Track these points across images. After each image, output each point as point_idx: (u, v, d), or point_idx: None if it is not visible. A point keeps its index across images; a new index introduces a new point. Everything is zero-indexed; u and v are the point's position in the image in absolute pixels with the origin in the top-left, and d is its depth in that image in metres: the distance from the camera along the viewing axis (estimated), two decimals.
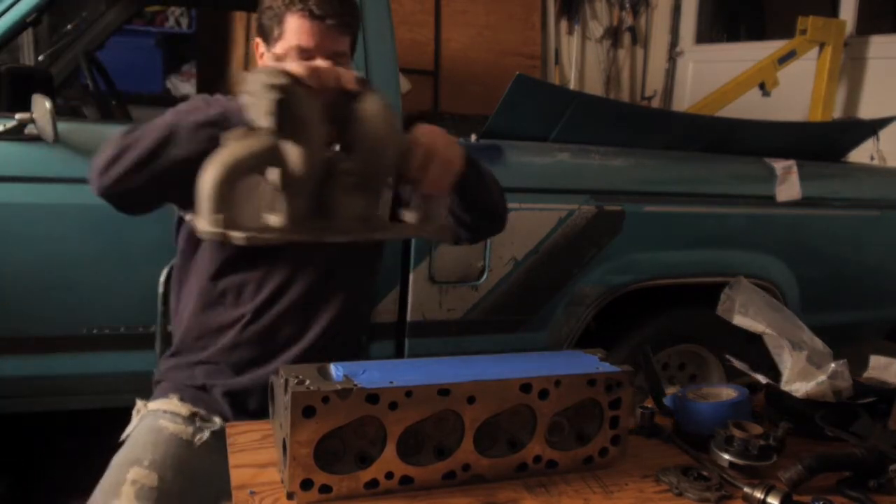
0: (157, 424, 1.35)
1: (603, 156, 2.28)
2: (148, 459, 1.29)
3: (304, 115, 0.99)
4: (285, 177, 1.01)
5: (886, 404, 1.28)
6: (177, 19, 5.39)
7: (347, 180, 1.04)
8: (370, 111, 1.05)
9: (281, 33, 1.28)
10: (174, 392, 1.41)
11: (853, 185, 2.68)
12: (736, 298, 1.38)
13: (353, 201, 1.05)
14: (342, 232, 1.05)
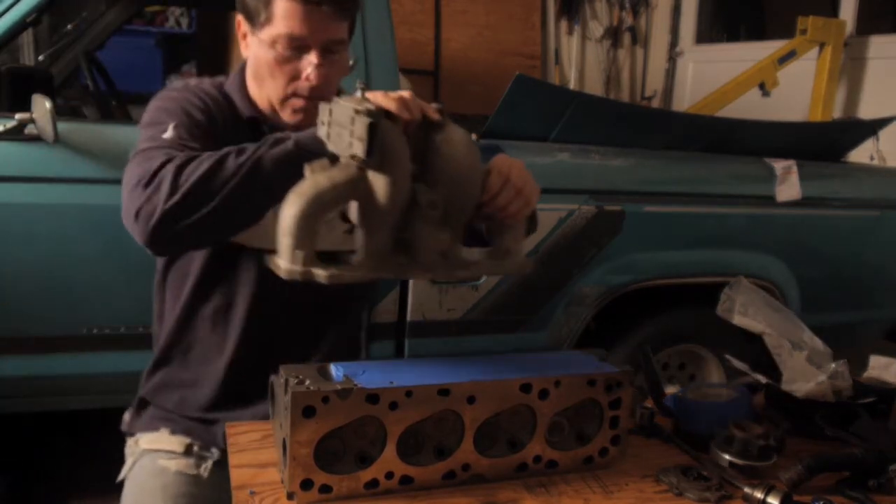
0: (158, 466, 1.30)
1: (603, 156, 2.28)
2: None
3: (391, 144, 0.94)
4: (369, 210, 0.96)
5: (886, 404, 1.28)
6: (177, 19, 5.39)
7: (432, 213, 0.98)
8: (453, 142, 1.01)
9: (269, 17, 1.17)
10: (164, 424, 1.34)
11: (853, 185, 2.68)
12: (736, 298, 1.38)
13: (436, 236, 0.99)
14: (424, 269, 1.00)
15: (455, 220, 1.02)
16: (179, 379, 1.35)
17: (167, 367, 1.36)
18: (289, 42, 1.18)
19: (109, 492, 2.28)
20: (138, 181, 1.05)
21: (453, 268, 1.03)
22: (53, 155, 1.83)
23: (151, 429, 1.35)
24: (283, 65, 1.21)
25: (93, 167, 1.84)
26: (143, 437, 1.35)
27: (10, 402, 2.01)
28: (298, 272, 0.92)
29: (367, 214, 0.96)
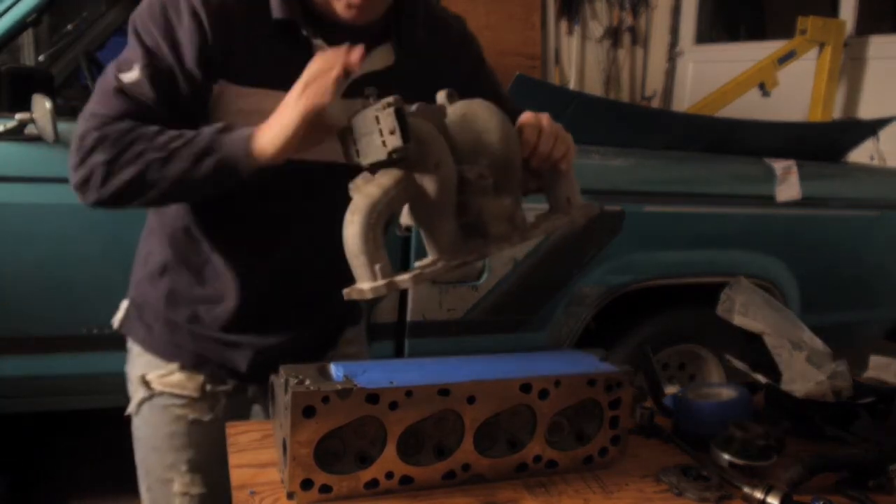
0: (172, 413, 1.25)
1: (603, 156, 2.28)
2: (184, 462, 1.25)
3: (421, 130, 0.94)
4: (425, 206, 0.96)
5: (886, 404, 1.28)
6: None
7: (485, 184, 0.97)
8: (471, 112, 1.01)
9: None
10: (173, 351, 1.25)
11: (853, 185, 2.69)
12: (736, 298, 1.38)
13: (499, 203, 0.98)
14: (499, 240, 0.98)
15: (508, 184, 1.01)
16: (192, 294, 1.23)
17: (175, 277, 1.24)
18: None
19: (109, 492, 2.30)
20: (75, 154, 1.07)
21: (526, 231, 1.02)
22: (53, 155, 1.83)
23: (158, 353, 1.26)
24: None
25: None
26: (152, 370, 1.26)
27: (10, 402, 2.01)
28: (383, 286, 0.91)
29: (425, 210, 0.96)
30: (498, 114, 1.02)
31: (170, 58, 1.04)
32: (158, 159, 1.02)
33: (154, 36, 1.05)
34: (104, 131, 1.04)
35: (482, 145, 1.00)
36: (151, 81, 1.04)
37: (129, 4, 3.02)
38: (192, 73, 1.05)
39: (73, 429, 2.66)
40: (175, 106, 1.06)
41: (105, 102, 1.06)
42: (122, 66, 1.07)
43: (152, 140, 1.02)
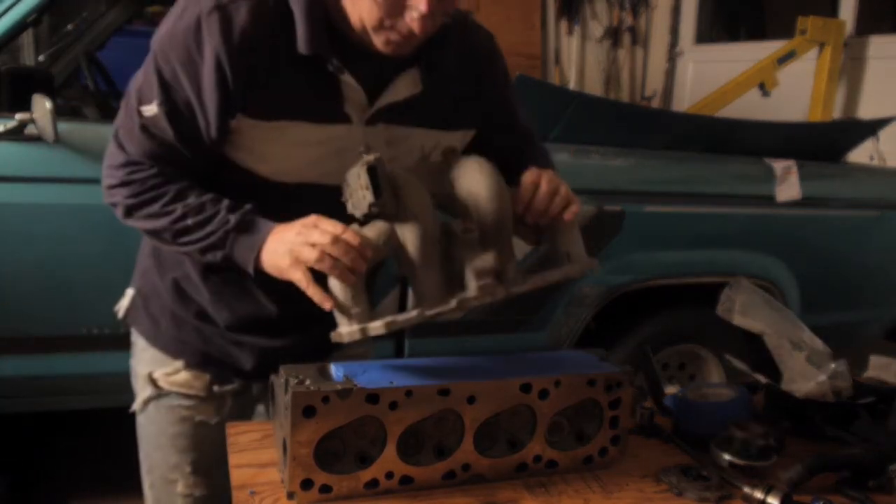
0: (179, 414, 1.25)
1: (603, 156, 2.28)
2: (188, 463, 1.26)
3: (404, 187, 0.99)
4: (407, 257, 1.00)
5: (886, 404, 1.28)
6: None
7: (470, 238, 1.01)
8: (465, 171, 1.03)
9: None
10: (178, 348, 1.24)
11: (853, 185, 2.68)
12: (736, 298, 1.38)
13: (482, 257, 1.01)
14: (481, 293, 1.01)
15: (496, 238, 1.04)
16: (200, 295, 1.22)
17: (184, 270, 1.22)
18: None
19: (109, 492, 2.30)
20: (105, 174, 1.13)
21: (514, 285, 1.04)
22: (53, 155, 1.83)
23: (163, 348, 1.25)
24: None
25: (93, 167, 1.84)
26: (158, 368, 1.25)
27: (10, 402, 2.01)
28: (357, 331, 0.97)
29: (407, 261, 1.01)
30: (490, 173, 1.05)
31: (189, 93, 1.04)
32: (171, 230, 1.08)
33: (175, 70, 1.03)
34: (130, 175, 1.09)
35: (472, 201, 1.03)
36: (169, 119, 1.05)
37: (128, 4, 3.03)
38: (210, 111, 1.04)
39: (73, 429, 2.66)
40: (194, 140, 1.07)
41: (130, 137, 1.09)
42: (143, 95, 1.06)
43: (172, 205, 1.07)
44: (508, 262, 1.05)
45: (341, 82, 1.06)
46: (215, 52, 1.00)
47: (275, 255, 1.03)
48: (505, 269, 1.03)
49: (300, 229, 1.00)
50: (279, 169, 1.10)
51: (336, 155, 1.09)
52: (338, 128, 1.08)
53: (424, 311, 0.99)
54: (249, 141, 1.07)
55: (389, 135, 1.13)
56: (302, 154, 1.09)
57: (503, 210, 1.04)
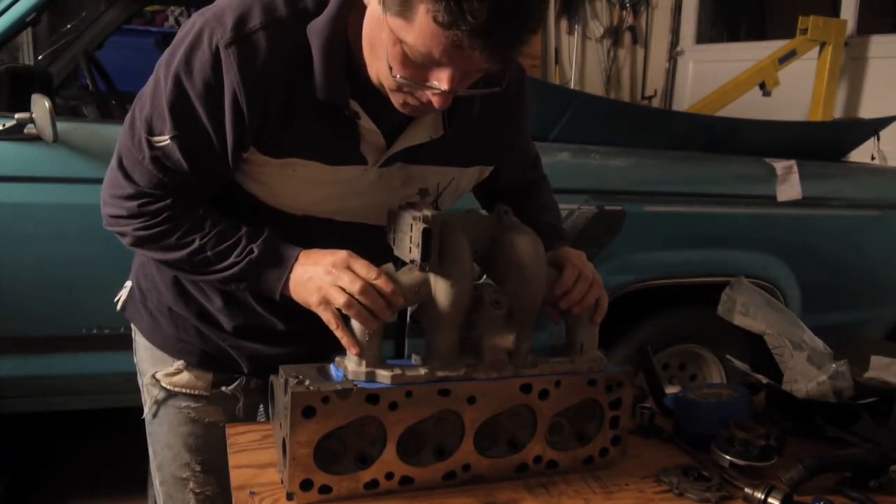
0: (188, 416, 1.24)
1: (603, 156, 2.28)
2: (199, 463, 1.25)
3: (451, 248, 0.98)
4: (433, 312, 1.00)
5: (887, 404, 1.28)
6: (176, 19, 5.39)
7: (497, 313, 1.01)
8: (518, 242, 1.03)
9: (407, 16, 0.84)
10: (178, 347, 1.22)
11: (853, 185, 2.68)
12: (736, 299, 1.38)
13: (501, 335, 1.02)
14: (490, 369, 1.02)
15: (522, 318, 1.04)
16: (201, 287, 1.18)
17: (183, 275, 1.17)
18: (422, 58, 0.87)
19: (109, 492, 2.29)
20: (107, 200, 1.08)
21: (521, 367, 1.04)
22: (53, 155, 1.82)
23: (163, 347, 1.23)
24: (408, 67, 0.90)
25: (92, 167, 1.84)
26: (160, 368, 1.24)
27: (10, 402, 2.01)
28: (363, 373, 0.98)
29: (431, 316, 1.01)
30: (540, 250, 1.04)
31: (206, 123, 0.99)
32: (190, 262, 1.06)
33: (190, 100, 0.98)
34: (142, 208, 1.05)
35: (511, 273, 1.03)
36: (182, 150, 1.01)
37: (128, 4, 3.02)
38: (227, 143, 1.00)
39: (72, 429, 2.66)
40: (209, 170, 1.04)
41: (138, 167, 1.03)
42: (154, 126, 1.00)
43: (188, 237, 1.04)
44: (524, 342, 1.05)
45: (359, 124, 1.02)
46: (232, 90, 0.96)
47: (303, 290, 1.02)
48: (519, 348, 1.04)
49: (331, 268, 0.98)
50: (287, 203, 1.08)
51: (349, 195, 1.07)
52: (351, 169, 1.05)
53: (434, 373, 1.00)
54: (260, 174, 1.05)
55: (405, 174, 1.10)
56: (313, 191, 1.06)
57: (540, 294, 1.05)
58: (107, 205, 1.09)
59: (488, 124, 1.14)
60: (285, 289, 1.04)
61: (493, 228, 1.06)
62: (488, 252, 1.05)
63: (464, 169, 1.15)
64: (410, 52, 0.87)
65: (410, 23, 0.84)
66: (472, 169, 1.17)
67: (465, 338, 1.04)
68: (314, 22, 0.96)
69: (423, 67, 0.89)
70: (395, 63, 0.89)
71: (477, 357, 1.03)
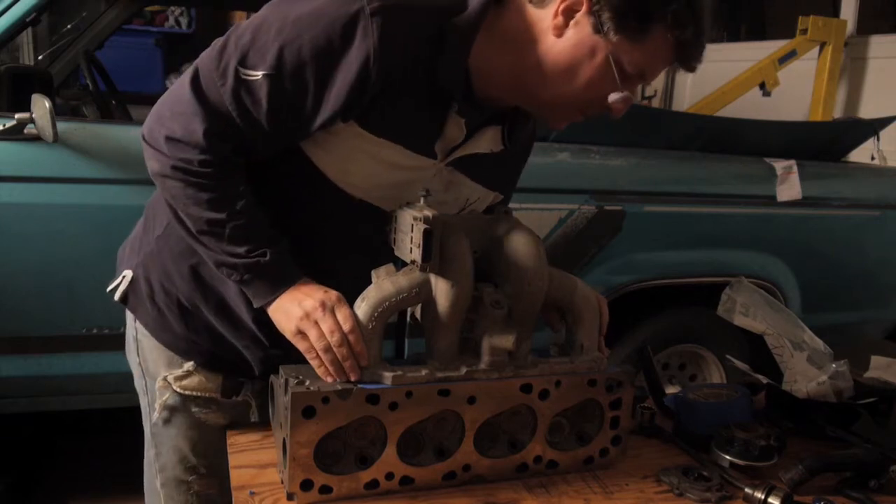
0: (195, 419, 1.21)
1: (603, 156, 2.28)
2: (204, 466, 1.24)
3: (452, 248, 0.99)
4: (433, 312, 1.01)
5: (887, 404, 1.28)
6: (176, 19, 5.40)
7: (497, 313, 1.02)
8: (517, 242, 1.03)
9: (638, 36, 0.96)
10: (186, 351, 1.19)
11: (853, 185, 2.68)
12: (737, 299, 1.38)
13: (501, 335, 1.02)
14: (491, 368, 1.03)
15: (522, 318, 1.04)
16: (225, 284, 1.13)
17: (203, 261, 1.12)
18: (639, 74, 1.00)
19: (109, 492, 2.29)
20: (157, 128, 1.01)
21: (521, 367, 1.05)
22: (53, 155, 1.82)
23: (170, 345, 1.20)
24: (601, 81, 0.98)
25: (92, 167, 1.84)
26: (169, 370, 1.20)
27: (10, 402, 2.01)
28: (366, 373, 0.98)
29: (432, 316, 1.01)
30: (539, 250, 1.04)
31: (308, 78, 0.95)
32: (202, 226, 1.02)
33: (303, 49, 0.94)
34: (207, 138, 0.98)
35: (515, 275, 1.03)
36: (270, 92, 0.96)
37: (128, 4, 3.02)
38: (328, 106, 0.97)
39: (72, 429, 2.66)
40: (282, 122, 0.99)
41: (214, 90, 0.98)
42: (250, 58, 0.96)
43: (220, 203, 1.01)
44: (524, 341, 1.05)
45: (449, 120, 1.04)
46: (366, 53, 0.93)
47: (284, 316, 1.02)
48: (520, 348, 1.04)
49: (318, 306, 0.99)
50: (354, 182, 1.06)
51: (410, 185, 1.07)
52: (423, 160, 1.06)
53: (435, 373, 1.00)
54: (342, 146, 1.03)
55: (451, 180, 1.12)
56: (383, 175, 1.06)
57: (540, 295, 1.05)
58: (163, 120, 1.00)
59: (514, 156, 1.21)
60: (269, 305, 1.03)
61: (494, 229, 1.06)
62: (489, 252, 1.05)
63: (488, 192, 1.19)
64: (631, 68, 0.98)
65: (642, 44, 0.96)
66: (492, 194, 1.20)
67: (466, 338, 1.04)
68: (463, 15, 0.99)
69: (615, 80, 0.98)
70: (595, 77, 0.98)
71: (477, 357, 1.03)
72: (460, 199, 1.16)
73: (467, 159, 1.11)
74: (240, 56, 0.96)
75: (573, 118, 1.05)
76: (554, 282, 1.07)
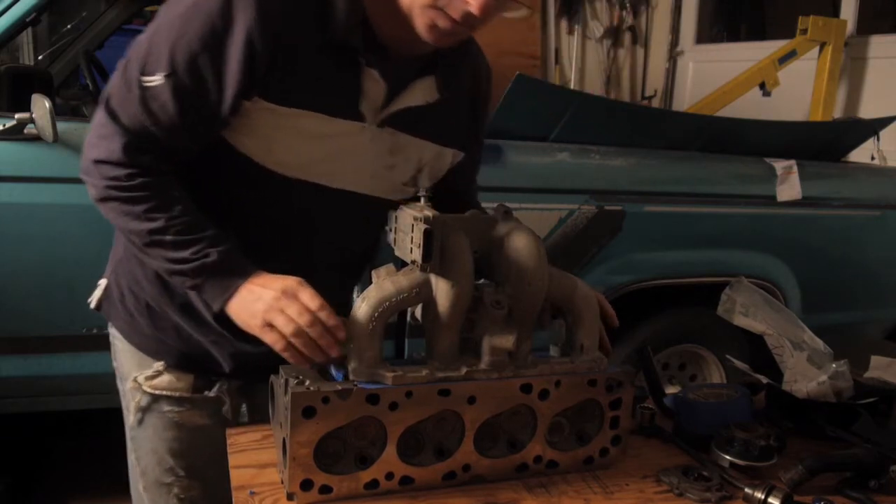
0: (171, 420, 1.21)
1: (603, 156, 2.28)
2: (183, 468, 1.23)
3: (452, 249, 0.99)
4: (433, 312, 1.01)
5: (887, 404, 1.28)
6: None
7: (497, 313, 1.02)
8: (517, 241, 1.03)
9: None
10: (156, 352, 1.19)
11: (853, 185, 2.68)
12: (736, 299, 1.38)
13: (501, 335, 1.02)
14: (491, 368, 1.02)
15: (522, 318, 1.04)
16: (175, 291, 1.15)
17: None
18: None
19: (109, 492, 2.29)
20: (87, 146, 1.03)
21: (521, 367, 1.05)
22: (53, 155, 1.82)
23: (141, 347, 1.21)
24: None
25: None
26: (140, 371, 1.21)
27: (10, 402, 2.01)
28: (364, 374, 0.98)
29: (432, 316, 1.01)
30: (540, 250, 1.04)
31: (204, 68, 0.97)
32: (146, 240, 1.02)
33: (191, 41, 0.96)
34: (127, 155, 1.00)
35: (516, 275, 1.03)
36: (175, 93, 0.98)
37: (128, 4, 3.02)
38: (228, 90, 0.98)
39: (73, 429, 2.66)
40: (198, 119, 1.01)
41: (124, 107, 1.00)
42: (148, 65, 0.98)
43: (155, 213, 1.01)
44: (525, 341, 1.05)
45: (364, 77, 1.03)
46: (248, 29, 0.94)
47: (246, 311, 1.00)
48: (520, 348, 1.04)
49: (280, 294, 0.97)
50: (282, 160, 1.05)
51: (343, 154, 1.07)
52: (350, 124, 1.05)
53: (435, 373, 1.00)
54: (259, 126, 1.02)
55: (394, 142, 1.11)
56: (309, 147, 1.05)
57: (540, 295, 1.05)
58: (91, 147, 1.03)
59: (464, 107, 1.19)
60: (226, 304, 1.02)
61: (494, 229, 1.06)
62: (488, 252, 1.05)
63: (443, 148, 1.18)
64: None
65: None
66: (449, 150, 1.19)
67: (466, 338, 1.04)
68: None
69: None
70: None
71: (477, 357, 1.03)
72: (411, 159, 1.13)
73: (405, 116, 1.08)
74: (140, 67, 0.99)
75: (441, 22, 0.97)
76: (554, 282, 1.07)
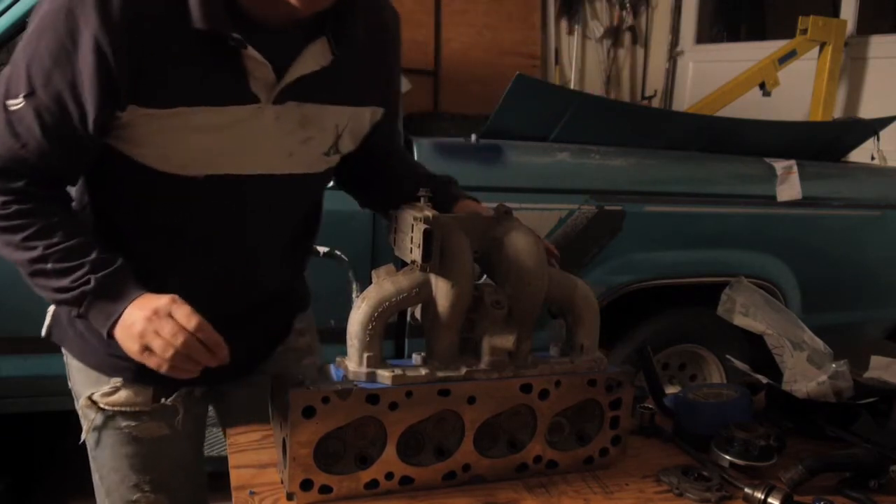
0: (129, 435, 1.18)
1: (603, 156, 2.28)
2: (147, 482, 1.21)
3: (452, 248, 0.99)
4: (433, 312, 1.01)
5: (887, 404, 1.28)
6: None
7: (497, 313, 1.02)
8: (517, 241, 1.03)
9: None
10: (112, 369, 1.15)
11: (853, 185, 2.68)
12: (736, 299, 1.38)
13: (501, 335, 1.02)
14: (491, 368, 1.03)
15: (522, 318, 1.04)
16: None
17: None
18: None
19: None
20: None
21: (521, 367, 1.05)
22: None
23: (97, 367, 1.17)
24: None
25: None
26: (96, 388, 1.18)
27: (10, 402, 2.01)
28: (364, 374, 0.98)
29: (432, 316, 1.01)
30: (539, 249, 1.04)
31: (60, 85, 0.92)
32: (28, 269, 0.99)
33: (44, 59, 0.92)
34: None
35: (511, 273, 1.03)
36: (36, 114, 0.94)
37: None
38: (88, 104, 0.93)
39: (73, 429, 2.66)
40: (65, 139, 0.96)
41: None
42: (11, 88, 0.95)
43: (33, 241, 0.97)
44: (525, 341, 1.05)
45: (244, 58, 0.96)
46: (94, 38, 0.89)
47: (126, 336, 0.96)
48: (520, 348, 1.04)
49: (152, 315, 0.93)
50: (182, 162, 0.99)
51: (247, 141, 1.01)
52: (245, 109, 0.99)
53: (435, 373, 1.00)
54: (147, 134, 0.97)
55: (302, 114, 1.05)
56: (207, 142, 0.99)
57: (540, 295, 1.05)
58: None
59: (371, 63, 1.13)
60: (112, 330, 0.97)
61: (494, 229, 1.06)
62: (488, 252, 1.05)
63: (357, 108, 1.12)
64: None
65: None
66: (365, 109, 1.14)
67: (466, 338, 1.04)
68: None
69: None
70: None
71: (477, 357, 1.03)
72: (327, 128, 1.08)
73: (303, 86, 1.03)
74: (4, 91, 0.95)
75: None
76: (554, 282, 1.07)
